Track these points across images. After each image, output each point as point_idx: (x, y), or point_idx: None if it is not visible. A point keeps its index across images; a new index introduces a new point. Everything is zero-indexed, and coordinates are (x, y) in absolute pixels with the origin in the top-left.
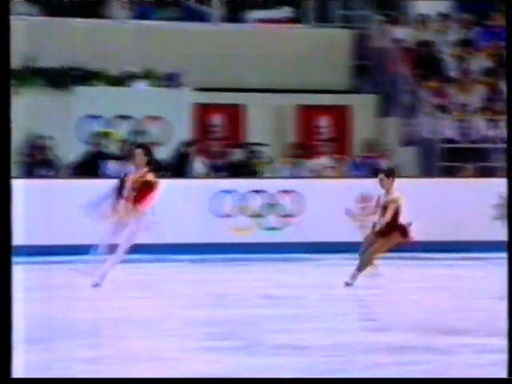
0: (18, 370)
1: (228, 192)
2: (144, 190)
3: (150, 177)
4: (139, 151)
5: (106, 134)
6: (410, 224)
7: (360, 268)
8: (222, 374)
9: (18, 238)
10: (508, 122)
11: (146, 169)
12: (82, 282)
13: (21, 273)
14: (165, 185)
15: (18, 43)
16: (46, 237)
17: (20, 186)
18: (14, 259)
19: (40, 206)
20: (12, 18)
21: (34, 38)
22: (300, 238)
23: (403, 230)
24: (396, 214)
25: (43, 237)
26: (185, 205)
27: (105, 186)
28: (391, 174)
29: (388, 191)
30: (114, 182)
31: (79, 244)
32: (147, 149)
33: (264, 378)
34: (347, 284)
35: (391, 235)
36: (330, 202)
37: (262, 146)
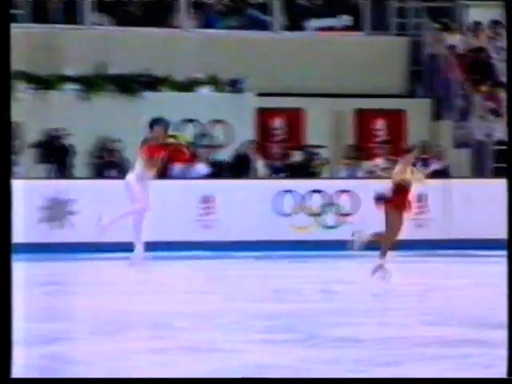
0: (91, 359)
1: (288, 192)
2: None
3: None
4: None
5: (172, 137)
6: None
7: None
8: (283, 365)
9: (87, 235)
10: (508, 122)
11: None
12: (145, 277)
13: (89, 268)
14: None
15: (91, 51)
16: (113, 233)
17: (90, 187)
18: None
19: (108, 206)
20: (85, 27)
21: (106, 46)
22: None
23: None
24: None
25: (115, 233)
26: (248, 204)
27: (171, 185)
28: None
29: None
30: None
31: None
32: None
33: (264, 378)
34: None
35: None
36: None
37: (321, 148)
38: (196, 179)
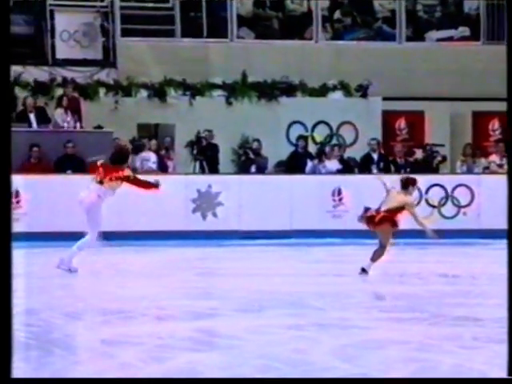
0: (236, 334)
1: None
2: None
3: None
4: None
5: (307, 138)
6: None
7: (375, 259)
8: (407, 340)
9: (231, 224)
10: (508, 122)
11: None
12: (283, 261)
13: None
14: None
15: (235, 62)
16: (258, 222)
17: (234, 181)
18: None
19: (254, 198)
20: (229, 41)
21: (248, 57)
22: (472, 225)
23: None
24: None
25: (256, 222)
26: (374, 196)
27: (306, 180)
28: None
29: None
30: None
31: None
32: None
33: (265, 378)
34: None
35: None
36: (499, 195)
37: (440, 147)
38: (328, 175)
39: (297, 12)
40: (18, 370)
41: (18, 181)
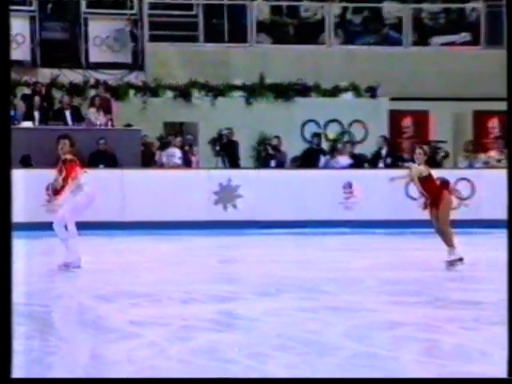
0: (254, 316)
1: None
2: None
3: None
4: (65, 141)
5: (320, 135)
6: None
7: (449, 244)
8: (413, 322)
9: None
10: (508, 122)
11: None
12: (298, 249)
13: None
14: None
15: (254, 65)
16: (275, 213)
17: (253, 175)
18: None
19: (271, 191)
20: (249, 45)
21: (266, 60)
22: (473, 216)
23: (445, 186)
24: (427, 182)
25: (273, 213)
26: (383, 190)
27: (319, 174)
28: (426, 150)
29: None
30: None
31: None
32: (72, 139)
33: (264, 378)
34: (452, 262)
35: (441, 200)
36: (497, 188)
37: (443, 143)
38: (339, 169)
39: (311, 19)
40: (56, 348)
41: (51, 175)
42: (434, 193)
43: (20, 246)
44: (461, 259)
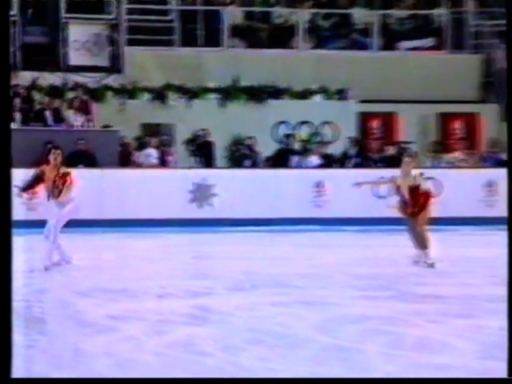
0: (227, 310)
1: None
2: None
3: (65, 170)
4: (58, 151)
5: (291, 136)
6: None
7: (425, 246)
8: (380, 315)
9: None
10: (508, 121)
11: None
12: (269, 246)
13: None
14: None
15: (228, 68)
16: (249, 211)
17: (227, 174)
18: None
19: (244, 189)
20: (223, 49)
21: (239, 64)
22: (439, 214)
23: (431, 195)
24: (415, 191)
25: (246, 211)
26: (352, 189)
27: (290, 174)
28: (415, 157)
29: (407, 173)
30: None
31: (264, 217)
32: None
33: (264, 378)
34: (431, 264)
35: (425, 208)
36: (463, 187)
37: (410, 144)
38: (310, 168)
39: (283, 24)
40: (36, 342)
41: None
42: (421, 202)
43: None
44: (432, 265)
